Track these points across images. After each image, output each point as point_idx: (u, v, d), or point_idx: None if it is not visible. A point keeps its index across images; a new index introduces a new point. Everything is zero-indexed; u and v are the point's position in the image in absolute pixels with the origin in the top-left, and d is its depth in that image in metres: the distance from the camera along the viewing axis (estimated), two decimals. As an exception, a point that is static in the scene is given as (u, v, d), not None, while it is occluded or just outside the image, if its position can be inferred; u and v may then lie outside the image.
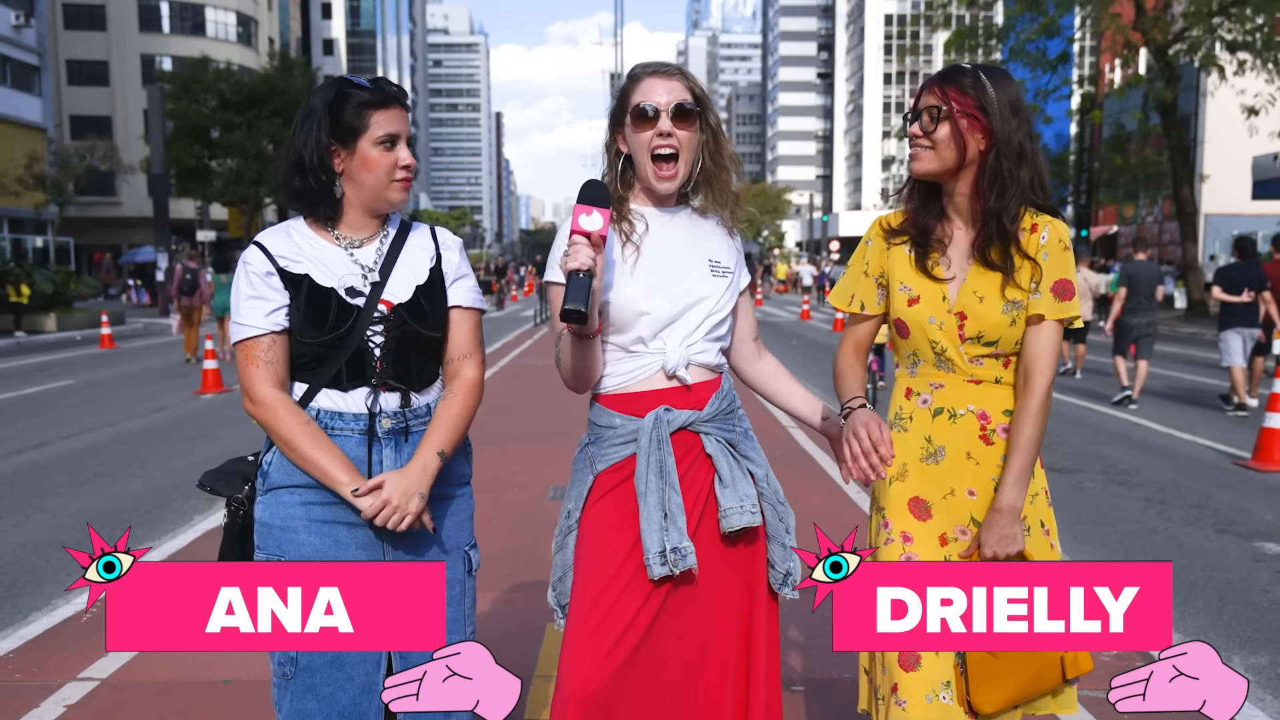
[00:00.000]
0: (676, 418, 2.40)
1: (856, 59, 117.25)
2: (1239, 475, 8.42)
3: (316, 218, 2.42)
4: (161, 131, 33.68)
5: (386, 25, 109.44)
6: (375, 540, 2.37)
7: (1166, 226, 42.17)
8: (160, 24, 58.89)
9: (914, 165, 2.40)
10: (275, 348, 2.33)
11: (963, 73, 2.36)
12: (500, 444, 8.94)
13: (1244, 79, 27.24)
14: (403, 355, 2.40)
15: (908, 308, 2.43)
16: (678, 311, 2.42)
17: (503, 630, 4.49)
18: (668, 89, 2.42)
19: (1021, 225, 2.35)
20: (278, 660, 2.36)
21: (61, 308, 26.74)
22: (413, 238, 2.50)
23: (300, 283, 2.34)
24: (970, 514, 2.38)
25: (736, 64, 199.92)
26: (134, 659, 4.25)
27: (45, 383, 14.95)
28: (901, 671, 2.31)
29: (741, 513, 2.37)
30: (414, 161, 2.41)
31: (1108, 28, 27.66)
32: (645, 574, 2.33)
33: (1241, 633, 4.82)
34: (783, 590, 2.51)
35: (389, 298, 2.38)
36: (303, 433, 2.30)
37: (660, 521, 2.33)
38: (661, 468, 2.36)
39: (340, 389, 2.36)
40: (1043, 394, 2.32)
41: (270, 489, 2.38)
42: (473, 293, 2.54)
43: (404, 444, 2.40)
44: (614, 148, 2.54)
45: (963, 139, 2.32)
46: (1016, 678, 2.29)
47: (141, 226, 50.19)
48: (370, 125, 2.33)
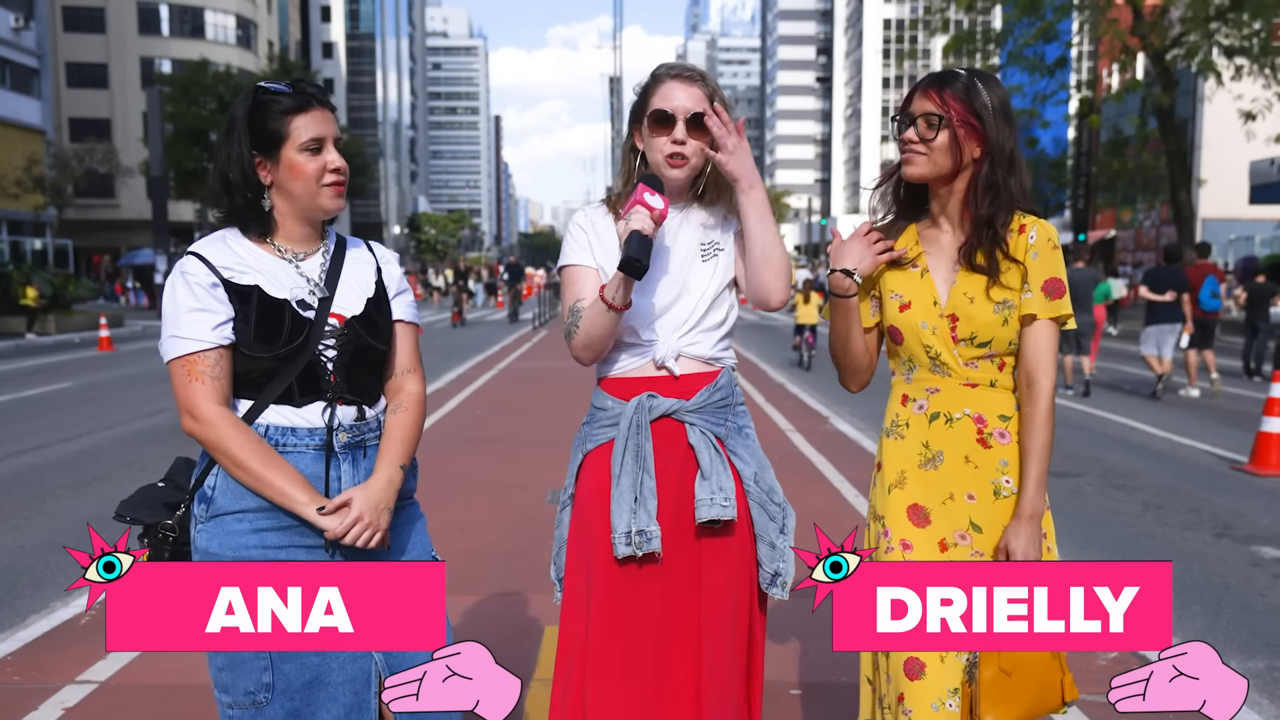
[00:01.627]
0: (659, 405, 2.45)
1: (855, 63, 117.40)
2: (1236, 479, 8.43)
3: (251, 234, 2.32)
4: (161, 134, 33.66)
5: (386, 29, 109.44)
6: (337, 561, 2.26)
7: (1164, 231, 42.20)
8: (160, 27, 58.96)
9: (907, 169, 2.39)
10: (221, 363, 2.21)
11: (956, 78, 2.36)
12: (499, 447, 8.94)
13: (1241, 84, 27.27)
14: (355, 369, 2.32)
15: (900, 314, 2.43)
16: (666, 304, 2.48)
17: (501, 634, 4.49)
18: (687, 95, 2.46)
19: (1010, 227, 2.36)
20: (243, 689, 2.23)
21: (60, 310, 26.79)
22: (351, 251, 2.44)
23: (249, 294, 2.23)
24: (970, 518, 2.37)
25: (735, 68, 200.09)
26: (132, 662, 4.25)
27: (44, 385, 14.94)
28: (907, 680, 2.31)
29: (712, 505, 2.39)
30: (344, 164, 2.30)
31: (1105, 33, 27.70)
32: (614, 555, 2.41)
33: (1238, 637, 4.83)
34: (771, 590, 2.51)
35: (340, 310, 2.31)
36: (253, 452, 2.18)
37: (630, 504, 2.38)
38: (638, 452, 2.41)
39: (292, 405, 2.26)
40: (1050, 396, 2.34)
41: (215, 516, 2.24)
42: (411, 308, 2.49)
43: (361, 458, 2.32)
44: (629, 143, 2.59)
45: (959, 147, 2.32)
46: (1024, 699, 2.29)
47: (140, 229, 50.20)
48: (293, 131, 2.23)
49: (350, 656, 2.28)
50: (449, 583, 2.68)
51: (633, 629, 2.43)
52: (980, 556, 2.36)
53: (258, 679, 2.22)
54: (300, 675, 2.24)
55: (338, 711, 2.28)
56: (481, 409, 11.72)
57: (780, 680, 4.08)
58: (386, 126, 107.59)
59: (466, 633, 4.49)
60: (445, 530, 5.43)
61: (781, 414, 11.29)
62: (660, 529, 2.39)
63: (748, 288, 2.53)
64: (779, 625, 4.65)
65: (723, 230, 2.58)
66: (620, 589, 2.43)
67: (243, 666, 2.22)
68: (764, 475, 2.55)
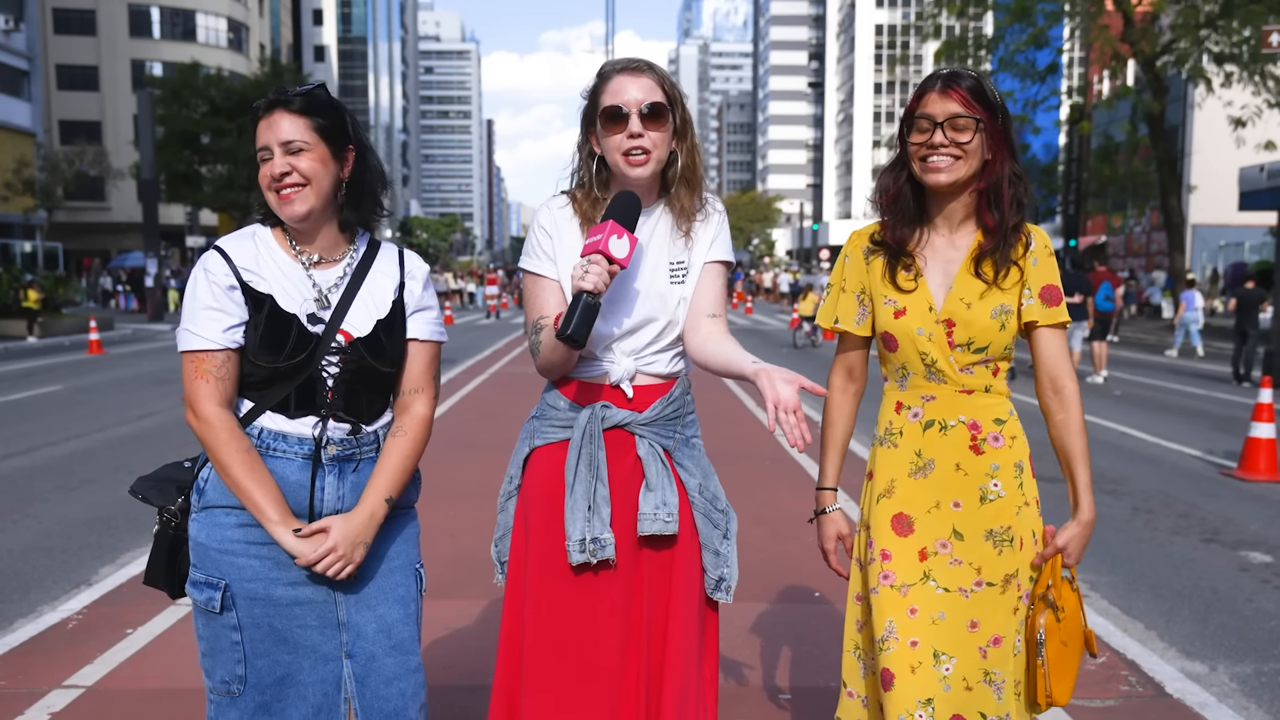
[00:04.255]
0: (613, 416, 2.45)
1: (847, 68, 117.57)
2: (1225, 485, 8.46)
3: (278, 230, 2.35)
4: (152, 137, 33.59)
5: (378, 32, 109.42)
6: None
7: (1154, 237, 42.33)
8: (151, 29, 58.86)
9: (936, 176, 2.29)
10: (228, 365, 2.24)
11: (969, 77, 2.30)
12: (490, 452, 8.93)
13: (1231, 91, 27.41)
14: (355, 388, 2.31)
15: (894, 320, 2.39)
16: (627, 330, 2.45)
17: (488, 638, 4.45)
18: (638, 87, 2.38)
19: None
20: (220, 678, 2.28)
21: (49, 313, 26.73)
22: (379, 263, 2.40)
23: (263, 303, 2.24)
24: (953, 526, 2.37)
25: (727, 73, 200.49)
26: (119, 666, 4.23)
27: (32, 388, 14.88)
28: (882, 691, 2.33)
29: (654, 520, 2.41)
30: (285, 170, 2.22)
31: (1096, 39, 27.86)
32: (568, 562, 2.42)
33: (1226, 641, 4.84)
34: (716, 595, 2.53)
35: (348, 329, 2.30)
36: (241, 461, 2.20)
37: (585, 512, 2.39)
38: (591, 460, 2.42)
39: (286, 415, 2.27)
40: (1079, 398, 2.38)
41: (205, 507, 2.29)
42: (432, 324, 2.44)
43: (350, 471, 2.32)
44: (587, 148, 2.50)
45: (990, 149, 2.30)
46: (1075, 664, 2.41)
47: (131, 232, 50.05)
48: (257, 138, 2.25)
49: (322, 658, 2.31)
50: (437, 588, 2.68)
51: (570, 634, 2.44)
52: (959, 564, 2.36)
53: (232, 670, 2.27)
54: (271, 671, 2.28)
55: (306, 710, 2.31)
56: (473, 413, 11.71)
57: (770, 685, 4.08)
58: (378, 130, 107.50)
59: (457, 638, 4.49)
60: (435, 535, 5.42)
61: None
62: (614, 536, 2.40)
63: (689, 339, 2.49)
64: (769, 631, 4.65)
65: (692, 245, 2.51)
66: (561, 594, 2.44)
67: (220, 656, 2.28)
68: (708, 484, 2.55)
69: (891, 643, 2.32)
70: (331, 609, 2.31)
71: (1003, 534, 2.35)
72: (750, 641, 4.52)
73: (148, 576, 2.46)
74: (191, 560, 2.31)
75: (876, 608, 2.37)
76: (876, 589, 2.38)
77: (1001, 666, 2.34)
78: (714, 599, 2.55)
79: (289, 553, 2.23)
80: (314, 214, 2.27)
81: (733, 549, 2.55)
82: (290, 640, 2.28)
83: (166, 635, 4.57)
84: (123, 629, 4.66)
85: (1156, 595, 5.54)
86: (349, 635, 2.32)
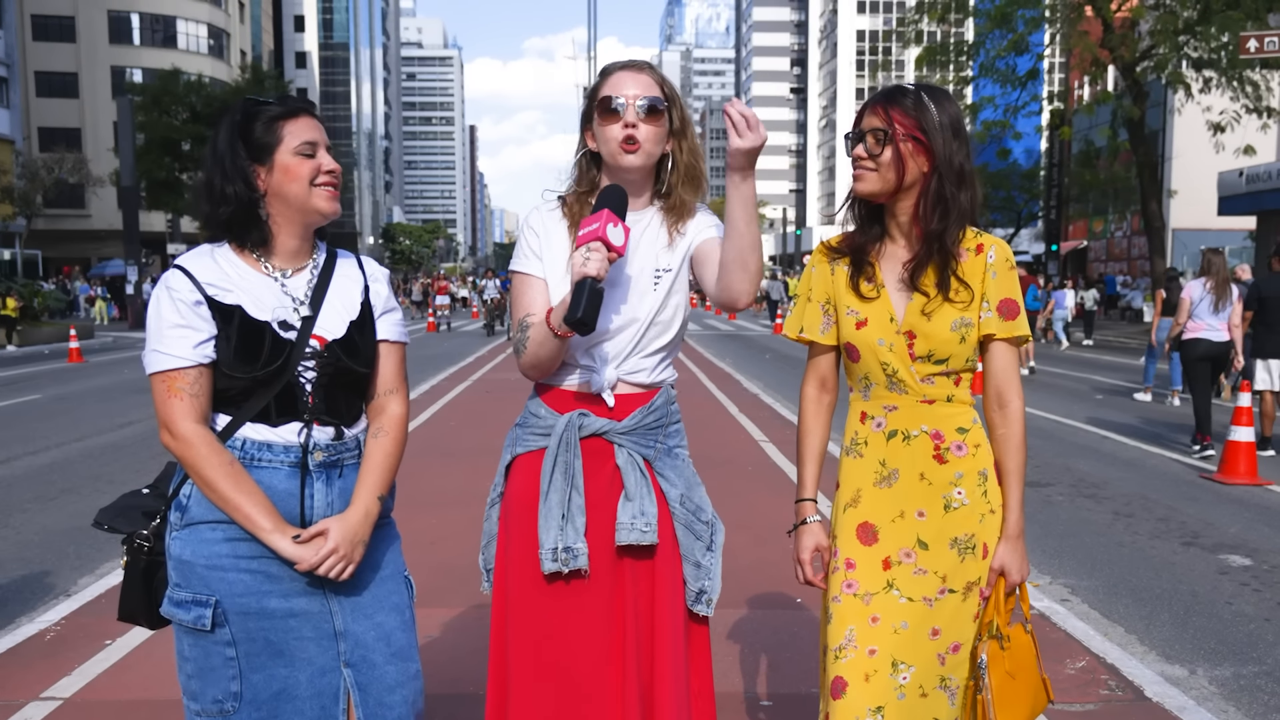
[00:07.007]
0: (590, 424, 2.45)
1: (829, 74, 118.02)
2: (1205, 488, 8.51)
3: (245, 245, 2.31)
4: (132, 144, 33.42)
5: (360, 38, 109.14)
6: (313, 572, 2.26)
7: (1135, 241, 42.63)
8: (131, 36, 58.60)
9: (857, 185, 2.38)
10: (201, 381, 2.21)
11: (905, 94, 2.34)
12: (475, 459, 8.91)
13: (1210, 96, 27.63)
14: (334, 391, 2.32)
15: (856, 331, 2.41)
16: (611, 332, 2.45)
17: (472, 647, 4.46)
18: (636, 83, 2.44)
19: (965, 245, 2.36)
20: (211, 697, 2.24)
21: (28, 321, 26.58)
22: (340, 267, 2.42)
23: (231, 314, 2.23)
24: (918, 536, 2.37)
25: (710, 78, 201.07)
26: (98, 678, 4.20)
27: (11, 398, 14.77)
28: (831, 699, 2.33)
29: (631, 530, 2.40)
30: (337, 167, 2.32)
31: (1076, 45, 28.03)
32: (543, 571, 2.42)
33: (1206, 644, 4.87)
34: (696, 608, 2.52)
35: (321, 333, 2.30)
36: (225, 474, 2.18)
37: (559, 520, 2.39)
38: (567, 469, 2.42)
39: (269, 424, 2.26)
40: (1023, 415, 2.37)
41: (190, 524, 2.24)
42: (399, 326, 2.47)
43: (336, 478, 2.32)
44: (583, 148, 2.54)
45: (903, 162, 2.31)
46: (1025, 700, 2.37)
47: (111, 239, 49.74)
48: (284, 136, 2.26)
49: (319, 670, 2.28)
50: (421, 596, 2.67)
51: (551, 644, 2.43)
52: (923, 574, 2.36)
53: (226, 688, 2.23)
54: (268, 686, 2.24)
55: None
56: (456, 420, 11.68)
57: (751, 692, 4.08)
58: (360, 137, 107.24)
59: (438, 646, 4.47)
60: (417, 544, 5.41)
61: (755, 424, 11.31)
62: (588, 546, 2.40)
63: (716, 288, 2.43)
64: (750, 637, 4.65)
65: (676, 248, 2.52)
66: (540, 606, 2.44)
67: (212, 675, 2.23)
68: (691, 495, 2.54)
69: (849, 650, 2.33)
70: (327, 619, 2.29)
71: (966, 541, 2.36)
72: (730, 648, 4.51)
73: (123, 611, 2.39)
74: (173, 580, 2.26)
75: (837, 616, 2.38)
76: (839, 597, 2.39)
77: (957, 673, 2.36)
78: (694, 611, 2.53)
79: (288, 560, 2.21)
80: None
81: (717, 561, 2.54)
82: (287, 653, 2.26)
83: (145, 646, 4.53)
84: (101, 640, 4.63)
85: (1136, 599, 5.56)
86: (347, 644, 2.30)
